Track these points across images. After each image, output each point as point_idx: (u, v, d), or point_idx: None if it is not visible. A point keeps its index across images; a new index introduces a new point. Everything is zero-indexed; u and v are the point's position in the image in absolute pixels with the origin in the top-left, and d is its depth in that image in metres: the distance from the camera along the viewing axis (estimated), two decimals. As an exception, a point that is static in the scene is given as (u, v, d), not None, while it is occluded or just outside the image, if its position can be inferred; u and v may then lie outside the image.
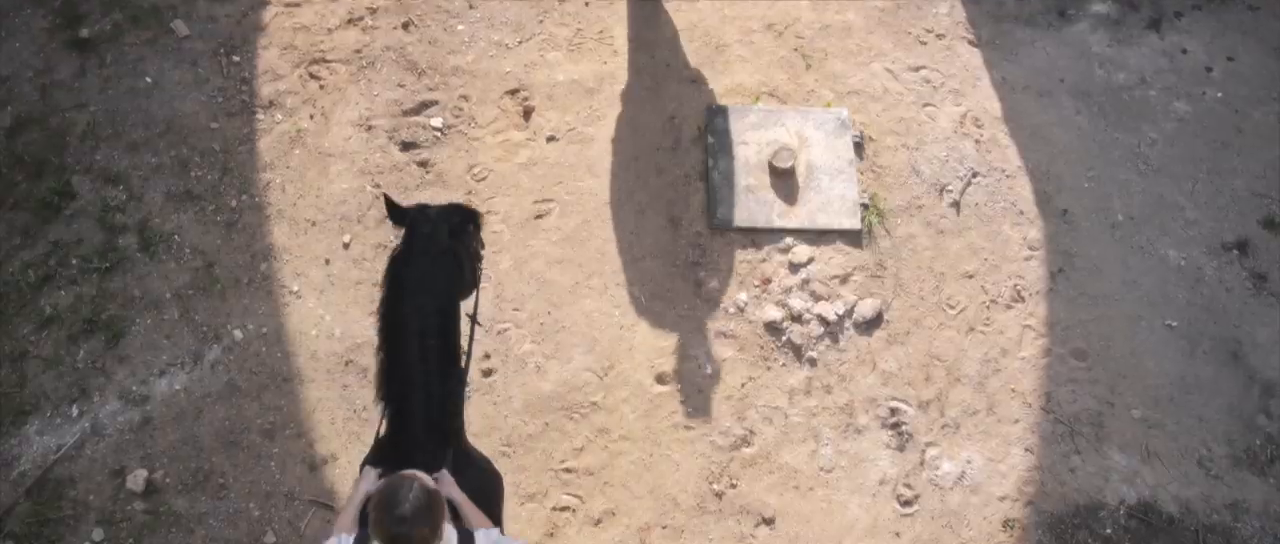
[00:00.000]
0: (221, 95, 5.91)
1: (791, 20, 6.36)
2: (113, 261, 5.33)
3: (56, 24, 6.10)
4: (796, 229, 5.56)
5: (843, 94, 6.07)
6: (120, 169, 5.61)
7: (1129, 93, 6.20)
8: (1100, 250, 5.66)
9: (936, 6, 6.47)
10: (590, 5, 6.39)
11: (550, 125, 5.88)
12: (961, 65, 6.23)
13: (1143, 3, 6.56)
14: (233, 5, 6.24)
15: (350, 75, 6.01)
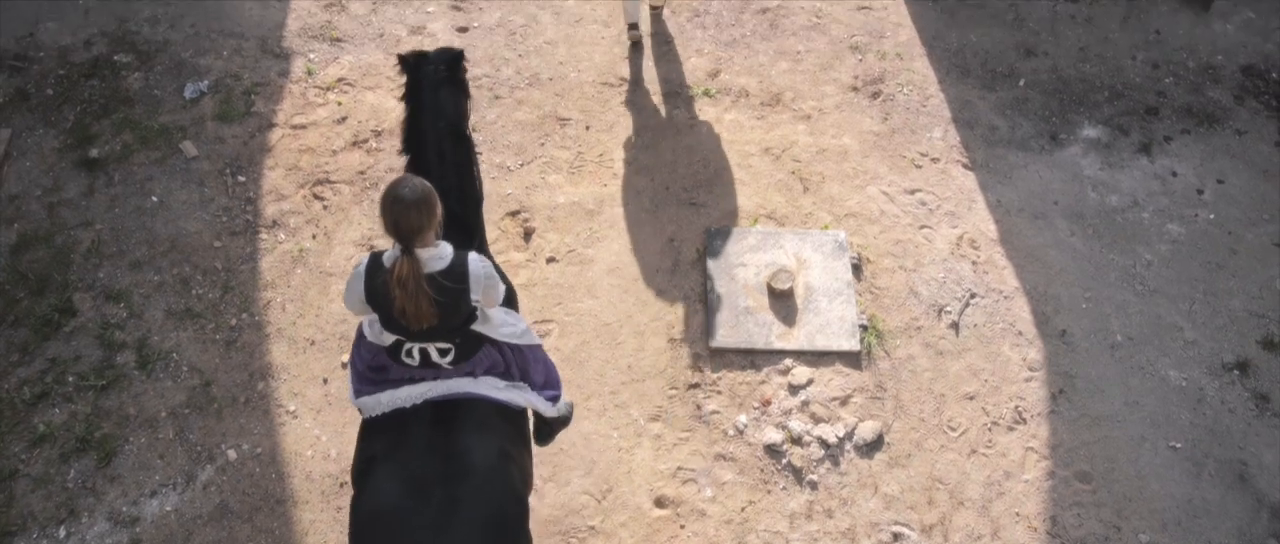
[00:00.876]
0: (226, 215, 5.98)
1: (789, 144, 6.49)
2: (109, 379, 5.31)
3: (67, 144, 6.22)
4: (796, 350, 5.56)
5: (840, 216, 6.15)
6: (122, 287, 5.64)
7: (1122, 215, 6.27)
8: (1101, 371, 5.64)
9: (930, 131, 6.61)
10: (591, 129, 6.53)
11: (550, 246, 5.94)
12: (956, 188, 6.32)
13: (1132, 127, 6.71)
14: (240, 127, 6.38)
15: (354, 196, 6.10)
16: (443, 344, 3.63)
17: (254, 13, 7.04)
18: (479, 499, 3.44)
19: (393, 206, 3.33)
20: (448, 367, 3.67)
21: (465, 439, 3.56)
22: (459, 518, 3.39)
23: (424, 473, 3.45)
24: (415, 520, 3.37)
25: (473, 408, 3.65)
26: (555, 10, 7.25)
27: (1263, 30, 7.32)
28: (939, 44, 7.14)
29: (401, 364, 3.67)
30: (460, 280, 3.49)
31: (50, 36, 6.80)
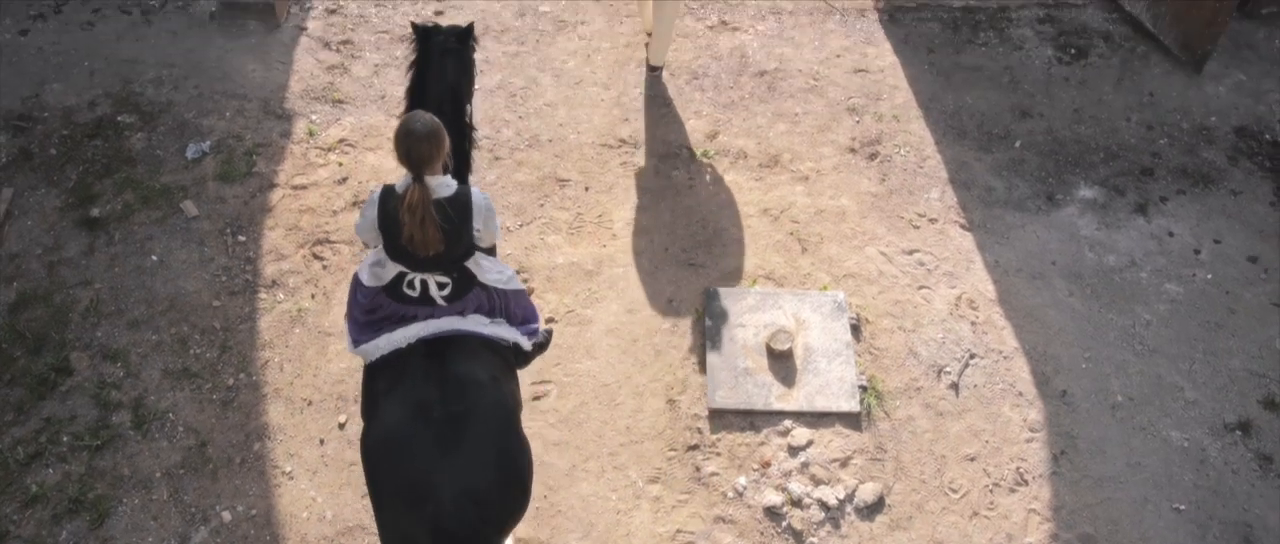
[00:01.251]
0: (225, 274, 5.99)
1: (787, 205, 6.53)
2: (104, 439, 5.27)
3: (69, 203, 6.25)
4: (795, 412, 5.53)
5: (839, 277, 6.16)
6: (120, 346, 5.63)
7: (1120, 275, 6.29)
8: (1102, 432, 5.61)
9: (928, 192, 6.65)
10: (590, 190, 6.56)
11: (549, 307, 5.94)
12: (954, 249, 6.34)
13: (1128, 188, 6.75)
14: (242, 187, 6.41)
15: (353, 256, 6.11)
16: (442, 278, 4.00)
17: (257, 74, 7.12)
18: (478, 413, 3.80)
19: (406, 138, 3.74)
20: (442, 302, 4.01)
21: (457, 367, 3.89)
22: (467, 434, 3.74)
23: (425, 398, 3.78)
24: (422, 438, 3.71)
25: (462, 342, 4.00)
26: (555, 72, 7.33)
27: (1254, 92, 7.40)
28: (935, 106, 7.21)
29: (400, 299, 4.01)
30: (463, 209, 3.88)
31: (55, 97, 6.87)
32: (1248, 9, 7.76)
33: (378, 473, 3.80)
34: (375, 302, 4.06)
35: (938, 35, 7.74)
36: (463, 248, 3.97)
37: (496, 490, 3.77)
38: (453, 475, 3.68)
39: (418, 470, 3.69)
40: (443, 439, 3.71)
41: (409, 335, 3.97)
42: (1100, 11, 7.93)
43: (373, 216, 3.94)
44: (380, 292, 4.05)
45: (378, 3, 7.77)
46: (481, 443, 3.77)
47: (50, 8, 7.46)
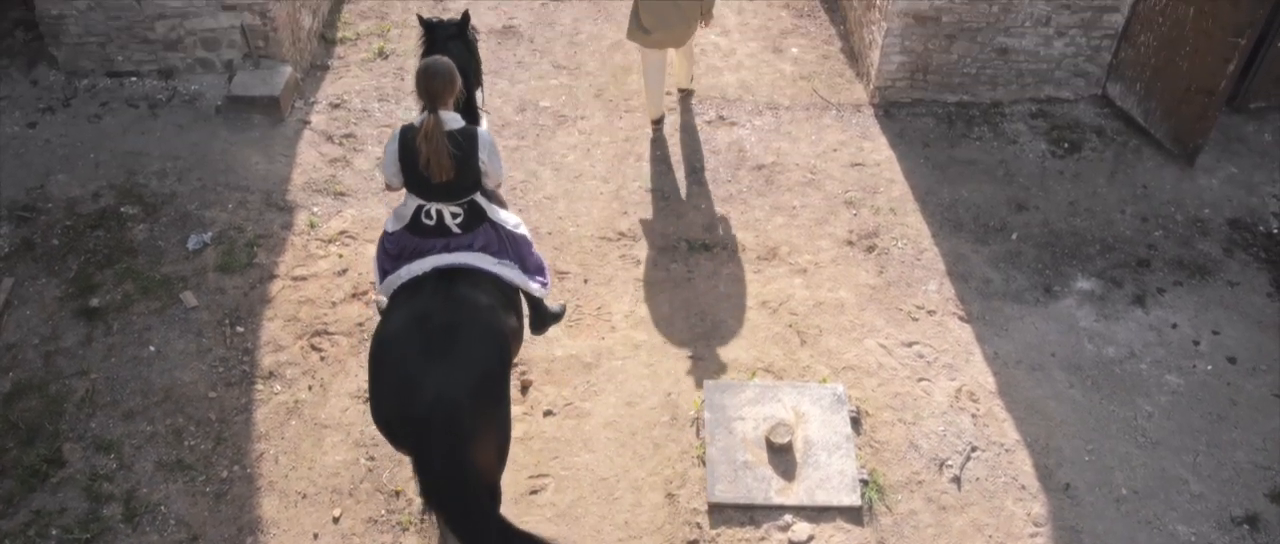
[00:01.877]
0: (223, 365, 5.96)
1: (785, 297, 6.54)
2: (94, 533, 5.19)
3: (68, 293, 6.26)
4: (795, 506, 5.46)
5: (838, 369, 6.14)
6: (114, 437, 5.58)
7: (1120, 366, 6.27)
8: (1107, 526, 5.52)
9: (925, 284, 6.67)
10: (589, 283, 6.59)
11: (547, 400, 5.91)
12: (953, 340, 6.34)
13: (1125, 279, 6.77)
14: (242, 277, 6.43)
15: (351, 347, 6.10)
16: (454, 208, 4.57)
17: (260, 167, 7.21)
18: (471, 331, 4.26)
19: (424, 75, 4.37)
20: (456, 230, 4.58)
21: (461, 290, 4.40)
22: (456, 346, 4.19)
23: (427, 310, 4.30)
24: (415, 342, 4.19)
25: (472, 273, 4.52)
26: (555, 166, 7.42)
27: (1247, 184, 7.48)
28: (932, 199, 7.28)
29: (420, 232, 4.59)
30: (470, 141, 4.46)
31: (60, 188, 6.94)
32: (1236, 103, 7.90)
33: (374, 367, 4.29)
34: (400, 244, 4.63)
35: (933, 130, 7.86)
36: (471, 178, 4.52)
37: (470, 403, 4.11)
38: (435, 379, 4.08)
39: (406, 369, 4.14)
40: (434, 346, 4.17)
41: (426, 265, 4.50)
42: (1092, 107, 8.07)
43: (394, 150, 4.49)
44: (403, 232, 4.63)
45: (381, 98, 7.90)
46: (468, 358, 4.19)
47: (59, 101, 7.58)
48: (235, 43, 7.62)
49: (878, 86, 8.01)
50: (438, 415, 4.04)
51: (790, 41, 8.76)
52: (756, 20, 8.99)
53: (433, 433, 4.04)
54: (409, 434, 4.16)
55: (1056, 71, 7.98)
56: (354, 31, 8.57)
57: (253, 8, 7.42)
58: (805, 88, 8.26)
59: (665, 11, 6.87)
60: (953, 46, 7.77)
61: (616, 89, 8.14)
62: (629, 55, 8.47)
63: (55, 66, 7.76)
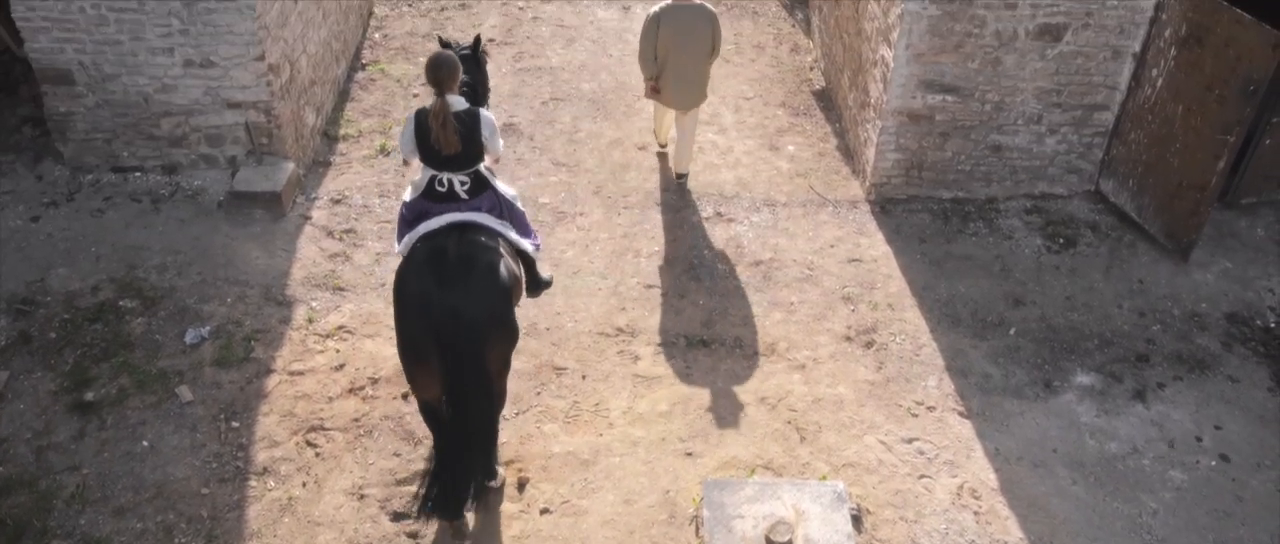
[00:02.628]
0: (216, 461, 5.90)
1: (784, 393, 6.51)
2: (79, 636, 5.07)
3: (63, 386, 6.23)
4: (797, 605, 5.34)
5: (838, 467, 6.08)
6: (103, 534, 5.49)
7: (1123, 462, 6.21)
8: (1115, 630, 5.41)
9: (925, 380, 6.65)
10: (587, 379, 6.56)
11: (544, 497, 5.83)
12: (954, 437, 6.29)
13: (1125, 374, 6.75)
14: (238, 372, 6.41)
15: (347, 443, 6.05)
16: (462, 177, 5.34)
17: (260, 261, 7.24)
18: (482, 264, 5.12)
19: (433, 66, 5.21)
20: (464, 196, 5.36)
21: (474, 235, 5.25)
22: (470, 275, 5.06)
23: (445, 246, 5.12)
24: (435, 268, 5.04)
25: (482, 227, 5.33)
26: (553, 262, 7.46)
27: (1242, 279, 7.51)
28: (929, 294, 7.30)
29: (434, 198, 5.35)
30: (474, 120, 5.29)
31: (60, 282, 6.95)
32: (1228, 199, 7.99)
33: (399, 289, 5.14)
34: (416, 209, 5.40)
35: (929, 226, 7.92)
36: (475, 151, 5.33)
37: (482, 319, 5.03)
38: (451, 298, 4.97)
39: (426, 289, 5.00)
40: (451, 273, 5.04)
41: (441, 220, 5.29)
42: (1086, 203, 8.15)
43: (411, 129, 5.32)
44: (419, 198, 5.40)
45: (382, 193, 7.98)
46: (479, 285, 5.07)
47: (63, 195, 7.66)
48: (239, 139, 7.73)
49: (874, 183, 8.11)
50: (458, 324, 4.95)
51: (787, 139, 8.89)
52: (753, 119, 9.14)
53: (454, 340, 4.96)
54: (430, 343, 4.98)
55: (1050, 168, 8.08)
56: (356, 129, 8.70)
57: (257, 106, 7.54)
58: (802, 184, 8.36)
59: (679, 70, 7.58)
60: (947, 144, 7.89)
61: (615, 186, 8.23)
62: (627, 153, 8.59)
63: (61, 162, 7.86)
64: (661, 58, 7.57)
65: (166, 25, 7.16)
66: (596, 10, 10.67)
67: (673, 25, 7.43)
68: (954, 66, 7.49)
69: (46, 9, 7.06)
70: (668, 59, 7.55)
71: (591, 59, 9.85)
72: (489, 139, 5.38)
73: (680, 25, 7.43)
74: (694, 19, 7.45)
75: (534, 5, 10.65)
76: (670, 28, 7.44)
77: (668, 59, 7.55)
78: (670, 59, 7.55)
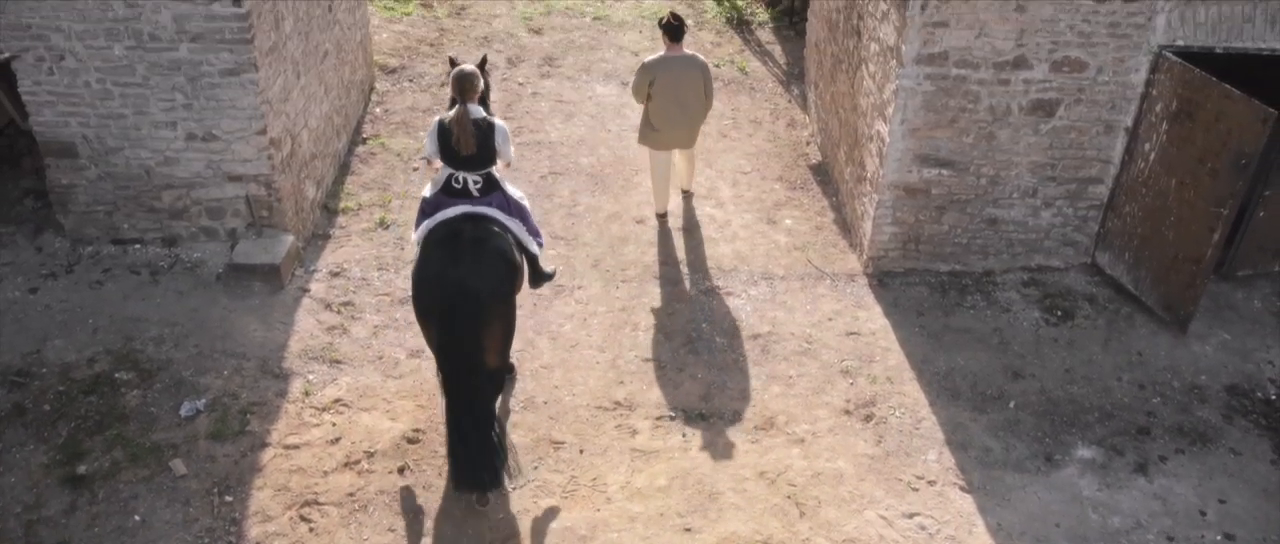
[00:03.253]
0: (208, 536, 5.82)
1: (783, 468, 6.45)
2: None
3: (55, 460, 6.17)
4: None
5: (838, 542, 6.00)
6: (91, 614, 5.39)
7: (1127, 537, 6.13)
8: None
9: (925, 454, 6.59)
10: (585, 453, 6.51)
11: (541, 570, 5.74)
12: (955, 512, 6.22)
13: (1126, 448, 6.70)
14: (233, 445, 6.35)
15: (341, 518, 5.97)
16: (476, 176, 6.18)
17: (257, 334, 7.23)
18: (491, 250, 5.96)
19: (458, 78, 6.17)
20: (476, 193, 6.20)
21: (485, 225, 6.09)
22: (481, 258, 5.90)
23: (459, 231, 5.99)
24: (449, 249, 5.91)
25: (490, 219, 6.15)
26: (552, 335, 7.45)
27: (1241, 351, 7.50)
28: (928, 367, 7.28)
29: (450, 193, 6.20)
30: (489, 127, 6.15)
31: (56, 353, 6.93)
32: (1224, 271, 8.02)
33: (419, 265, 6.01)
34: (434, 204, 6.22)
35: (926, 299, 7.94)
36: (489, 155, 6.17)
37: (486, 294, 5.80)
38: (462, 273, 5.78)
39: (440, 265, 5.86)
40: (462, 254, 5.87)
41: (456, 210, 6.12)
42: (1083, 275, 8.18)
43: (435, 133, 6.19)
44: (438, 193, 6.24)
45: (380, 266, 8.00)
46: (487, 267, 5.88)
47: (62, 267, 7.67)
48: (240, 212, 7.77)
49: (871, 256, 8.14)
50: (463, 298, 5.72)
51: (784, 213, 8.95)
52: (751, 192, 9.21)
53: (458, 310, 5.71)
54: (442, 313, 5.75)
55: (1046, 241, 8.13)
56: (356, 202, 8.76)
57: (258, 179, 7.60)
58: (800, 258, 8.39)
59: (674, 114, 8.12)
60: (943, 217, 7.94)
61: (613, 259, 8.26)
62: (625, 226, 8.63)
63: (61, 234, 7.89)
64: (658, 103, 8.11)
65: (170, 100, 7.25)
66: (595, 86, 10.83)
67: (667, 74, 8.03)
68: (949, 141, 7.57)
69: (52, 83, 7.16)
70: (664, 104, 8.11)
71: (590, 134, 9.96)
72: (501, 145, 6.23)
73: (674, 74, 8.05)
74: (686, 67, 8.09)
75: (533, 81, 10.80)
76: (665, 77, 8.03)
77: (664, 104, 8.11)
78: (666, 104, 8.11)
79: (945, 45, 7.14)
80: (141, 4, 6.86)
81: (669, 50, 8.09)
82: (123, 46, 7.02)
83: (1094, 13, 7.03)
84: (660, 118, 8.17)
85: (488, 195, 6.20)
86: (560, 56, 11.36)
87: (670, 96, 8.07)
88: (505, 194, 6.34)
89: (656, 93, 8.07)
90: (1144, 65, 7.27)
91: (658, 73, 8.02)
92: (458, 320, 5.71)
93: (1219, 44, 7.16)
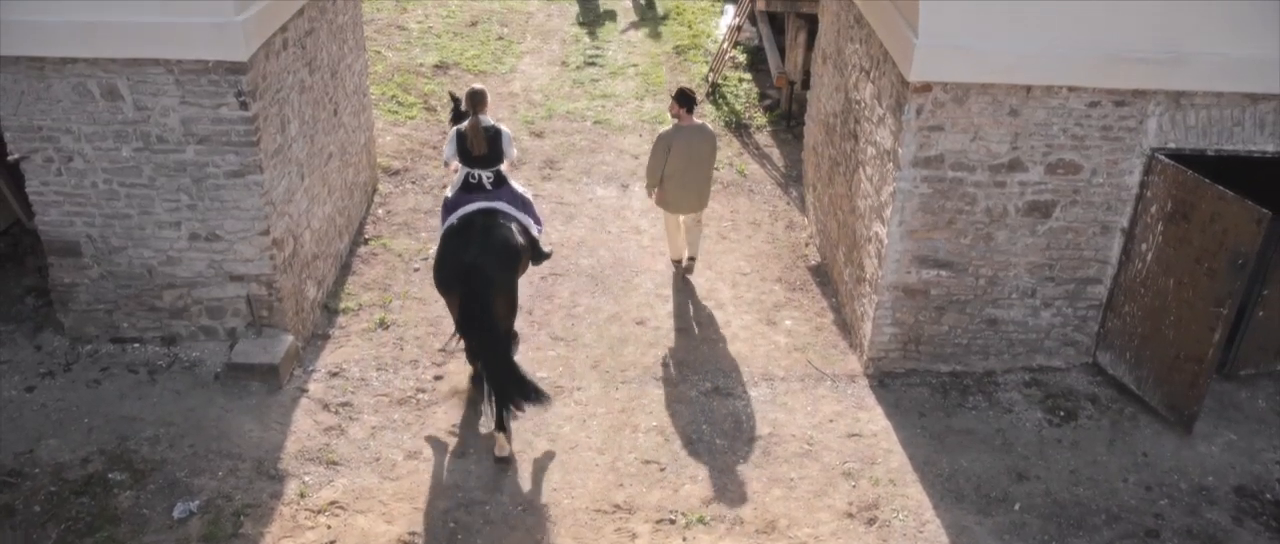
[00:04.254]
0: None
1: (786, 569, 6.32)
2: None
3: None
4: None
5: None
6: None
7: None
8: None
9: (930, 556, 6.46)
10: (584, 552, 6.38)
11: None
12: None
13: (1136, 554, 6.58)
14: (225, 549, 6.23)
15: (333, 622, 5.82)
16: (489, 174, 7.52)
17: (254, 434, 7.16)
18: (500, 235, 7.18)
19: (472, 95, 7.57)
20: (489, 188, 7.51)
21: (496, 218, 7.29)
22: (490, 240, 7.10)
23: (474, 221, 7.22)
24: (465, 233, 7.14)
25: (500, 212, 7.36)
26: (550, 437, 7.38)
27: (1248, 451, 7.42)
28: (931, 469, 7.19)
29: (468, 189, 7.50)
30: (497, 133, 7.54)
31: (49, 453, 6.85)
32: (1226, 371, 7.98)
33: (440, 251, 7.25)
34: (454, 200, 7.50)
35: (928, 400, 7.88)
36: (496, 154, 7.56)
37: (493, 272, 7.01)
38: (475, 252, 7.00)
39: (459, 245, 7.09)
40: (475, 238, 7.11)
41: (473, 206, 7.36)
42: (1084, 375, 8.14)
43: (453, 140, 7.58)
44: (457, 193, 7.53)
45: (379, 367, 7.98)
46: (496, 247, 7.12)
47: (60, 366, 7.64)
48: (240, 312, 7.78)
49: (871, 357, 8.12)
50: (476, 276, 6.93)
51: (784, 314, 8.96)
52: (750, 293, 9.23)
53: (473, 286, 6.93)
54: (458, 284, 6.98)
55: (1046, 341, 8.12)
56: (357, 302, 8.77)
57: (260, 279, 7.63)
58: (800, 359, 8.37)
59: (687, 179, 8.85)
60: (943, 318, 7.95)
61: (613, 360, 8.23)
62: (625, 327, 8.64)
63: (60, 332, 7.88)
64: (670, 171, 8.83)
65: (175, 200, 7.33)
66: (595, 188, 10.96)
67: (682, 143, 8.73)
68: (947, 242, 7.63)
69: (60, 183, 7.24)
70: (677, 172, 8.82)
71: (590, 235, 10.04)
72: (506, 147, 7.65)
73: (688, 143, 8.75)
74: (700, 138, 8.85)
75: (534, 183, 10.94)
76: (681, 145, 8.74)
77: (677, 172, 8.82)
78: (679, 172, 8.82)
79: (941, 148, 7.25)
80: (151, 106, 6.99)
81: (682, 120, 8.78)
82: (130, 148, 7.13)
83: (1086, 116, 7.16)
84: (673, 183, 8.86)
85: (498, 189, 7.54)
86: (561, 159, 11.53)
87: (684, 162, 8.76)
88: (512, 189, 7.71)
89: (672, 158, 8.74)
90: (1138, 167, 7.37)
91: (675, 140, 8.73)
92: (473, 293, 6.92)
93: (1210, 146, 7.27)
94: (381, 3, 15.80)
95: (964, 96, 7.06)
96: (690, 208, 9.05)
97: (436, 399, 7.67)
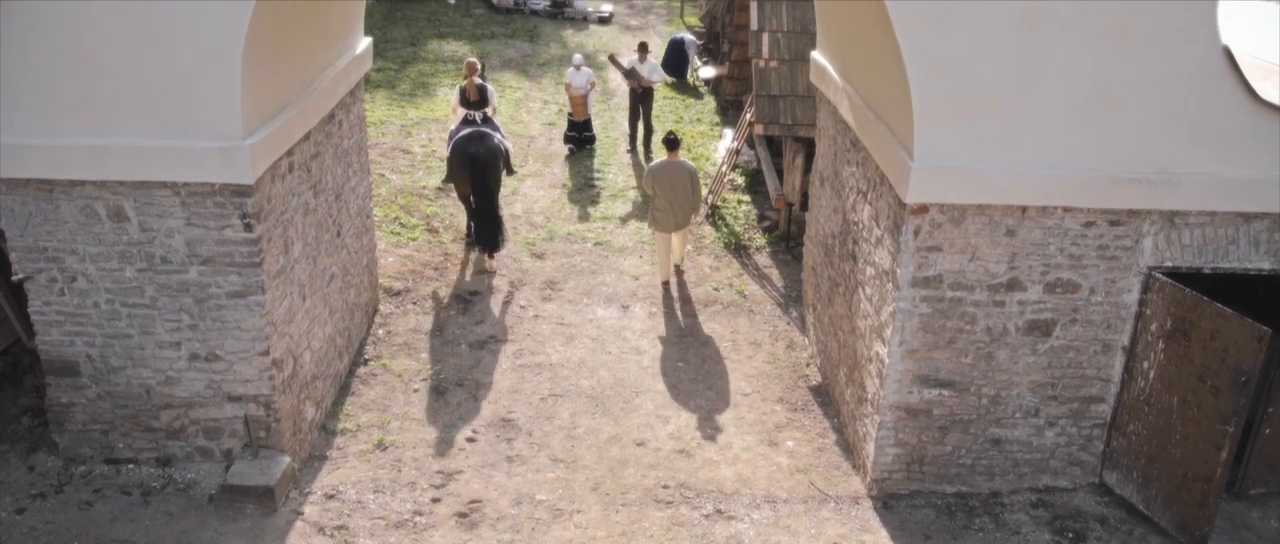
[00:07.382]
0: None
1: None
2: None
3: None
4: None
5: None
6: None
7: None
8: None
9: None
10: None
11: None
12: None
13: None
14: None
15: None
16: (480, 114, 11.99)
17: (247, 558, 7.00)
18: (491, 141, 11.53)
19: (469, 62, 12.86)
20: (479, 122, 11.82)
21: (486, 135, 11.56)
22: (485, 142, 11.46)
23: (475, 132, 11.59)
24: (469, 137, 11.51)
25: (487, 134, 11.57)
26: (550, 557, 7.23)
27: (1263, 578, 7.26)
28: (939, 593, 7.01)
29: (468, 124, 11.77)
30: (484, 88, 12.58)
31: (35, 582, 6.69)
32: (1236, 490, 7.86)
33: (453, 150, 11.54)
34: (458, 129, 11.72)
35: (933, 522, 7.74)
36: (484, 99, 12.38)
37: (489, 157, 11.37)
38: (476, 147, 11.34)
39: (465, 143, 11.42)
40: (475, 139, 11.42)
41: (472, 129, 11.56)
42: (1092, 495, 8.01)
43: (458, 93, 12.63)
44: (461, 124, 11.83)
45: (376, 489, 7.86)
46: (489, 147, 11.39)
47: (52, 487, 7.53)
48: (237, 432, 7.71)
49: (875, 478, 8.01)
50: (476, 160, 11.23)
51: (785, 435, 8.88)
52: (752, 414, 9.16)
53: (476, 163, 11.23)
54: (466, 168, 11.25)
55: (1052, 460, 8.02)
56: (355, 423, 8.70)
57: (258, 399, 7.58)
58: (802, 481, 8.25)
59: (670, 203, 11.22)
60: (946, 438, 7.87)
61: (613, 482, 8.12)
62: (626, 449, 8.54)
63: (55, 453, 7.80)
64: (658, 197, 11.26)
65: (176, 320, 7.34)
66: (596, 309, 10.99)
67: (663, 176, 11.24)
68: (948, 362, 7.61)
69: (62, 303, 7.27)
70: (663, 197, 11.22)
71: (591, 356, 10.02)
72: (490, 96, 12.43)
73: (669, 175, 11.23)
74: (678, 171, 11.28)
75: (535, 304, 10.97)
76: (665, 176, 11.22)
77: (663, 197, 11.22)
78: (664, 197, 11.23)
79: (940, 268, 7.30)
80: (156, 228, 7.06)
81: (669, 157, 11.33)
82: (134, 269, 7.18)
83: (1082, 236, 7.24)
84: (659, 206, 11.34)
85: (486, 124, 11.77)
86: (562, 280, 11.60)
87: (667, 190, 11.22)
88: (494, 124, 12.03)
89: (658, 188, 11.24)
90: (1135, 286, 7.41)
91: (658, 173, 11.30)
92: (478, 170, 11.28)
93: (1207, 264, 7.33)
94: (386, 127, 16.14)
95: (960, 217, 7.14)
96: (675, 226, 11.49)
97: (434, 522, 7.53)
